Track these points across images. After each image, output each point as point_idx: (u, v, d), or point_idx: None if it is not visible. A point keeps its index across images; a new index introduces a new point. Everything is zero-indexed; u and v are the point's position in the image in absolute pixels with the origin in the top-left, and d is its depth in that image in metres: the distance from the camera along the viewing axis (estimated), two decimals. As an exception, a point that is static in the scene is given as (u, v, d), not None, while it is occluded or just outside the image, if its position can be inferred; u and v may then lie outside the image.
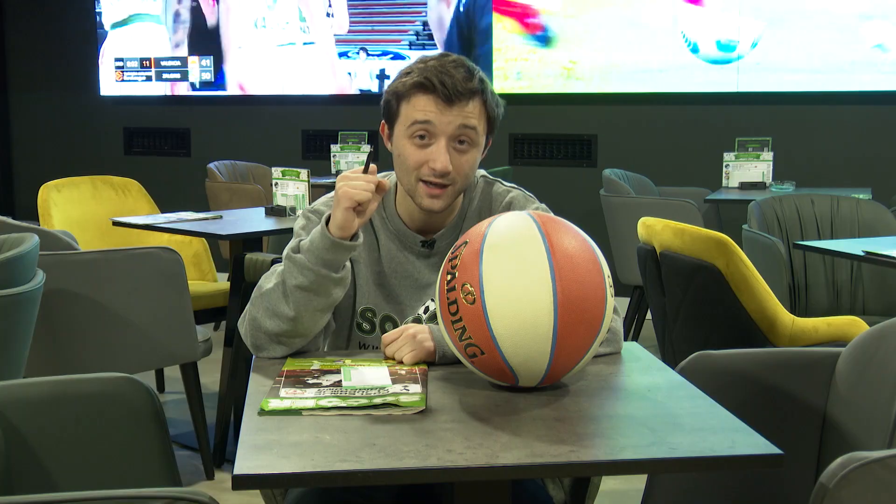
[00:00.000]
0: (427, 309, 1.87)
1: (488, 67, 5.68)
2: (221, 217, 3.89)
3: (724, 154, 5.02)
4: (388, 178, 1.91)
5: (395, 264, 1.88)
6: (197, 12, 6.51)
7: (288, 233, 3.55)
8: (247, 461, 1.27)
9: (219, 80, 6.46)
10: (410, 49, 6.01)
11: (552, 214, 1.78)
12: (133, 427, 1.68)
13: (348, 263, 1.75)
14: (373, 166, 1.71)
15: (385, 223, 1.89)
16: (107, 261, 3.13)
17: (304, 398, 1.48)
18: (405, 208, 1.88)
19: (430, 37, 5.95)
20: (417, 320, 1.86)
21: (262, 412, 1.44)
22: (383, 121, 1.87)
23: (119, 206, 4.29)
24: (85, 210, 4.23)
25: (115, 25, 6.67)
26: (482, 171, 1.95)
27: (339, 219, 1.67)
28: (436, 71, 1.75)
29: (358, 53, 6.11)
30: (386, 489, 1.77)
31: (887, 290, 3.76)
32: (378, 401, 1.46)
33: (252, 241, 3.63)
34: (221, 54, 6.44)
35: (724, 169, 5.00)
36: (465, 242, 1.52)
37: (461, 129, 1.77)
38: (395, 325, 1.88)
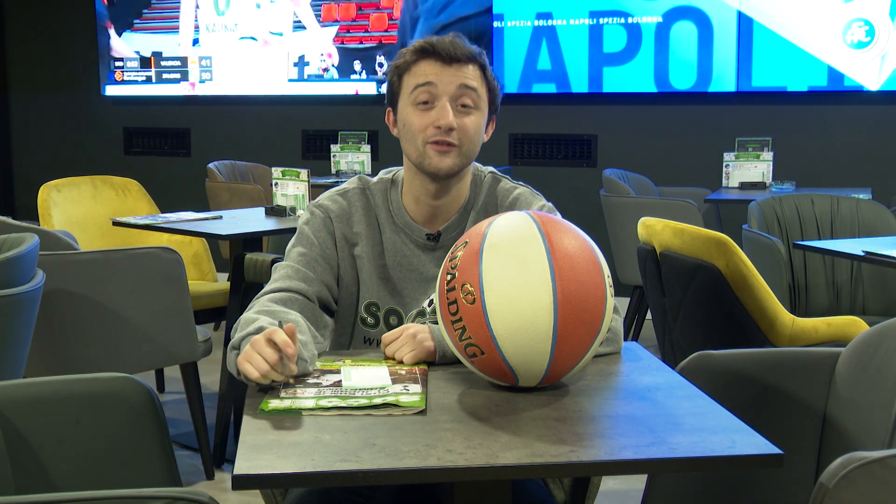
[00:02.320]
0: (431, 302, 1.87)
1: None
2: (221, 217, 3.88)
3: (724, 154, 5.01)
4: (396, 173, 1.92)
5: (399, 257, 1.89)
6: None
7: (287, 232, 3.57)
8: (247, 461, 1.27)
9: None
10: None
11: (557, 212, 1.78)
12: (133, 427, 1.68)
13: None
14: (289, 325, 1.52)
15: (391, 216, 1.90)
16: (107, 261, 3.13)
17: (304, 398, 1.48)
18: (411, 200, 1.89)
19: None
20: (422, 314, 1.87)
21: (262, 412, 1.44)
22: (388, 108, 1.89)
23: (119, 206, 4.29)
24: (85, 210, 4.23)
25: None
26: (490, 168, 1.96)
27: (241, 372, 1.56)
28: (435, 39, 1.82)
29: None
30: (386, 489, 1.77)
31: (887, 290, 3.76)
32: (378, 401, 1.46)
33: (252, 241, 3.62)
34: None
35: (724, 169, 5.00)
36: (465, 242, 1.52)
37: (462, 90, 1.80)
38: (400, 319, 1.89)
